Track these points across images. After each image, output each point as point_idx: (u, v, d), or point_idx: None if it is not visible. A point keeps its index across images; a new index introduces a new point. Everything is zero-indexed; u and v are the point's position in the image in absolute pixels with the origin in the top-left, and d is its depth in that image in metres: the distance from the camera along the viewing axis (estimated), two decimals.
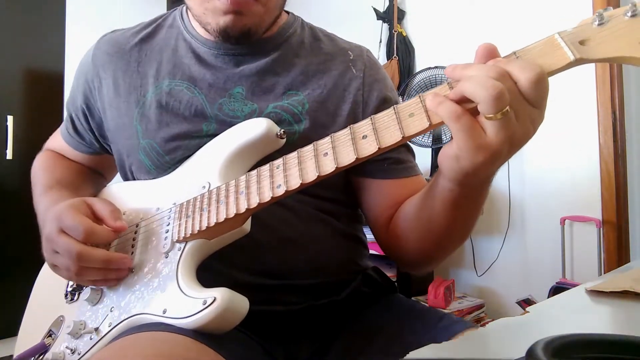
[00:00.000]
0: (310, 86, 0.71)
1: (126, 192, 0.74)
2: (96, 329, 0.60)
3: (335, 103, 0.71)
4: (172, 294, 0.56)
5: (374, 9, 2.83)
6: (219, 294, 0.52)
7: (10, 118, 2.45)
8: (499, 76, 0.41)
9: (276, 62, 0.72)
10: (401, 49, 2.74)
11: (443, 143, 2.30)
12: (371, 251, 0.80)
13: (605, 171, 2.11)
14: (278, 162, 0.55)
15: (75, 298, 0.67)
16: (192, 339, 0.51)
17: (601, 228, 2.11)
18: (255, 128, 0.64)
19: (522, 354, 0.31)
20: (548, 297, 1.93)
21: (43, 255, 0.64)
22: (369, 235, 0.76)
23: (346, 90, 0.72)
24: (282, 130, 0.64)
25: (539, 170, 2.28)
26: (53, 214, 0.62)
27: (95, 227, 0.60)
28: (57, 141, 0.86)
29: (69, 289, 0.69)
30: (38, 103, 2.58)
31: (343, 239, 0.73)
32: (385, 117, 0.48)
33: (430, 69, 2.34)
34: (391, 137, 0.47)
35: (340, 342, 0.68)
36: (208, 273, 0.60)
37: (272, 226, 0.66)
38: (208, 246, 0.60)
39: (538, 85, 0.42)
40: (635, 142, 2.36)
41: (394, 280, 2.21)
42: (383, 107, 0.52)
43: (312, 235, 0.68)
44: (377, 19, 2.83)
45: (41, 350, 0.65)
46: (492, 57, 0.45)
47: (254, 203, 0.55)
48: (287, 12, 0.78)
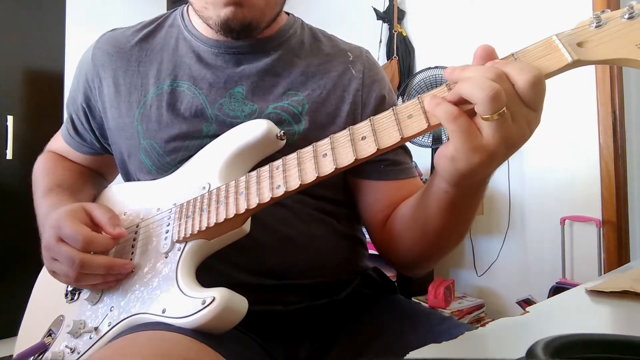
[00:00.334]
0: (310, 86, 0.71)
1: (127, 193, 0.74)
2: (96, 328, 0.61)
3: (334, 104, 0.71)
4: (172, 294, 0.56)
5: (374, 9, 2.83)
6: (218, 294, 0.52)
7: (10, 118, 2.45)
8: (497, 77, 0.42)
9: (277, 63, 0.72)
10: (401, 49, 2.74)
11: (443, 143, 2.30)
12: (371, 251, 0.80)
13: (605, 171, 2.11)
14: (278, 163, 0.55)
15: (75, 298, 0.67)
16: (192, 339, 0.51)
17: (601, 228, 2.11)
18: (255, 129, 0.64)
19: (522, 354, 0.31)
20: (548, 297, 1.93)
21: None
22: (368, 236, 0.76)
23: (345, 90, 0.72)
24: (282, 131, 0.64)
25: (539, 170, 2.29)
26: (51, 222, 0.62)
27: (94, 236, 0.60)
28: (58, 143, 0.86)
29: (69, 289, 0.69)
30: (38, 103, 2.59)
31: (343, 239, 0.73)
32: (384, 119, 0.48)
33: (430, 69, 2.33)
34: (390, 138, 0.47)
35: (340, 342, 0.68)
36: (208, 273, 0.60)
37: (272, 226, 0.66)
38: (208, 246, 0.60)
39: (535, 87, 0.42)
40: (635, 142, 2.37)
41: (394, 280, 2.20)
42: (382, 108, 0.53)
43: (312, 235, 0.68)
44: (377, 19, 2.83)
45: (41, 349, 0.65)
46: (490, 59, 0.45)
47: (254, 203, 0.55)
48: (288, 14, 0.79)
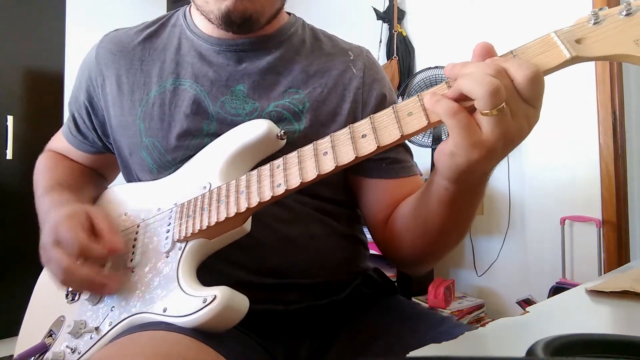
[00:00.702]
0: (311, 85, 0.71)
1: (128, 193, 0.75)
2: (96, 328, 0.60)
3: (335, 102, 0.71)
4: (173, 293, 0.56)
5: (374, 9, 2.84)
6: (219, 292, 0.52)
7: (10, 118, 2.45)
8: (496, 73, 0.42)
9: (278, 61, 0.72)
10: (401, 49, 2.74)
11: None
12: (371, 251, 0.80)
13: (605, 171, 2.11)
14: (278, 162, 0.56)
15: (76, 298, 0.67)
16: (192, 338, 0.52)
17: (601, 228, 2.11)
18: (256, 129, 0.64)
19: (522, 354, 0.31)
20: (548, 297, 1.93)
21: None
22: (370, 235, 0.76)
23: (346, 89, 0.72)
24: (283, 131, 0.64)
25: (539, 170, 2.29)
26: (51, 223, 0.62)
27: (89, 246, 0.59)
28: (59, 141, 0.86)
29: (70, 289, 0.69)
30: (38, 103, 2.58)
31: (343, 240, 0.73)
32: (384, 116, 0.49)
33: (430, 69, 2.34)
34: (390, 136, 0.48)
35: (340, 341, 0.68)
36: (208, 272, 0.60)
37: (273, 226, 0.66)
38: (209, 245, 0.60)
39: (534, 83, 0.42)
40: (635, 142, 2.36)
41: (394, 280, 2.21)
42: (382, 107, 0.53)
43: (312, 235, 0.68)
44: (377, 19, 2.83)
45: (41, 349, 0.65)
46: (489, 56, 0.46)
47: (255, 202, 0.55)
48: (289, 14, 0.79)
